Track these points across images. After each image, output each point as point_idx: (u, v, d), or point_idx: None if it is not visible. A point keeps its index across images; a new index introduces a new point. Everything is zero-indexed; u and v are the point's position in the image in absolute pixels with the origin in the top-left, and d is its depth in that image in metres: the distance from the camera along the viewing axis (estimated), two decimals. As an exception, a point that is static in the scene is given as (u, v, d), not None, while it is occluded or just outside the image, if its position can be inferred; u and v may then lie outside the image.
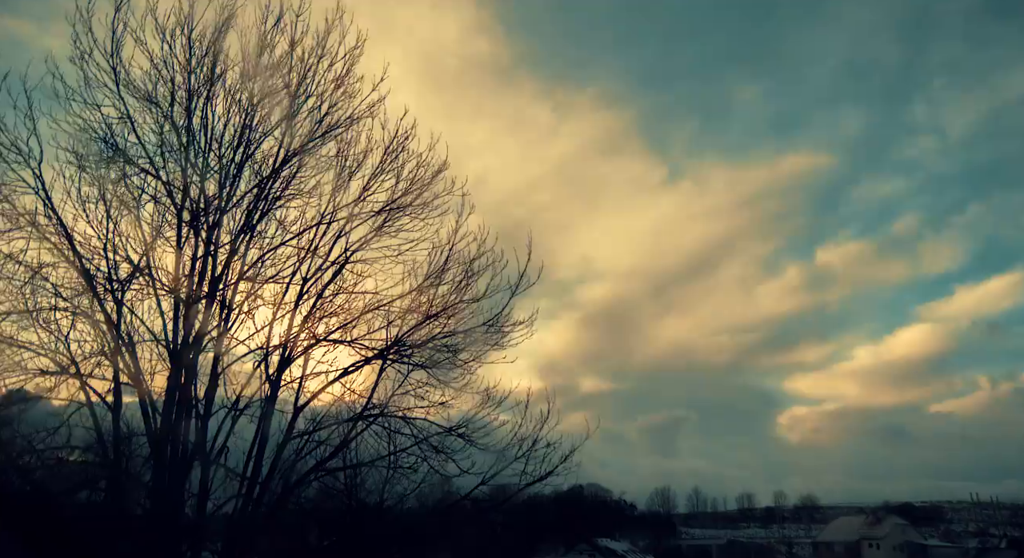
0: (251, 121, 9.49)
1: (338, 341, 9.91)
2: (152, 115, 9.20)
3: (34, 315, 8.58)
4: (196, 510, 8.73)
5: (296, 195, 9.90)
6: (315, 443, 9.63)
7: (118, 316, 8.85)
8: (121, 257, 9.02)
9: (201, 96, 9.30)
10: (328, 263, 9.87)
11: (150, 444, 8.63)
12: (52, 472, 8.70)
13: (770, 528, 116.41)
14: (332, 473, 10.25)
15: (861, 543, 78.58)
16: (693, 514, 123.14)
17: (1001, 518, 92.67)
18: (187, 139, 9.23)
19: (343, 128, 9.95)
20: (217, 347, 9.25)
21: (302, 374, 9.81)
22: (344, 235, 9.91)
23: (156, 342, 9.06)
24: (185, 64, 9.20)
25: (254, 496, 9.03)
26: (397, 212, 10.01)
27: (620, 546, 70.22)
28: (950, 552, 75.75)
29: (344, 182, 9.91)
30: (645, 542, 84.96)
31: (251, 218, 9.52)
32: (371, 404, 9.76)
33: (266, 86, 9.56)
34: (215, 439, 8.95)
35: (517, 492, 9.89)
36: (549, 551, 63.36)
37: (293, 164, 9.73)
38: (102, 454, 8.57)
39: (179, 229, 9.25)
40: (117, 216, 9.03)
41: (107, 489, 8.93)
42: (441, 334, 9.92)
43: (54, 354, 8.63)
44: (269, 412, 9.32)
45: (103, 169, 9.04)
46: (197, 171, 9.30)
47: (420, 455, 9.69)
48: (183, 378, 8.80)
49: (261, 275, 9.71)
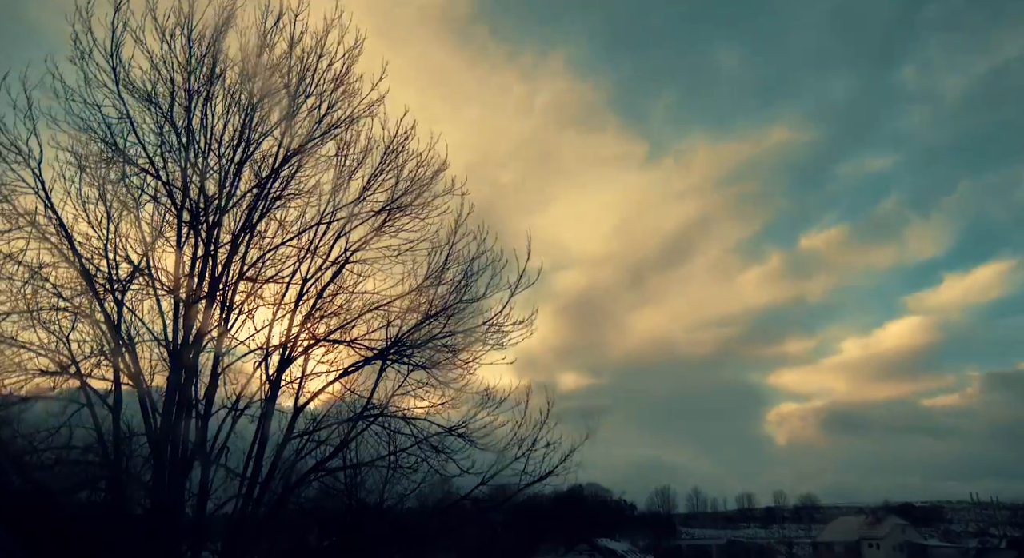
0: (251, 121, 9.50)
1: (338, 341, 9.92)
2: (152, 115, 9.21)
3: (34, 315, 8.58)
4: (196, 510, 8.72)
5: (296, 195, 9.91)
6: (315, 443, 9.63)
7: (118, 316, 8.86)
8: (121, 257, 9.04)
9: (201, 96, 9.31)
10: (328, 263, 9.88)
11: (150, 444, 8.63)
12: (52, 472, 8.70)
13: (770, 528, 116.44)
14: (332, 473, 10.25)
15: (861, 543, 78.57)
16: (693, 514, 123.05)
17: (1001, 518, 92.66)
18: (187, 139, 9.23)
19: (343, 128, 9.97)
20: (217, 347, 9.26)
21: (302, 374, 9.82)
22: (344, 235, 9.93)
23: (156, 342, 9.07)
24: (185, 64, 9.20)
25: (254, 496, 9.03)
26: (397, 212, 10.02)
27: (620, 546, 70.20)
28: (950, 552, 75.76)
29: (344, 182, 9.93)
30: (645, 542, 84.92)
31: (251, 218, 9.52)
32: (371, 404, 9.77)
33: (266, 86, 9.57)
34: (215, 439, 8.96)
35: (517, 492, 9.90)
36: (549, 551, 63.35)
37: (293, 164, 9.74)
38: (102, 454, 8.57)
39: (179, 229, 9.25)
40: (117, 216, 9.04)
41: (107, 489, 8.93)
42: (441, 334, 9.93)
43: (54, 354, 8.64)
44: (269, 412, 9.32)
45: (103, 169, 9.05)
46: (197, 171, 9.30)
47: (420, 455, 9.70)
48: (183, 378, 8.80)
49: (261, 275, 9.72)
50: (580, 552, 65.34)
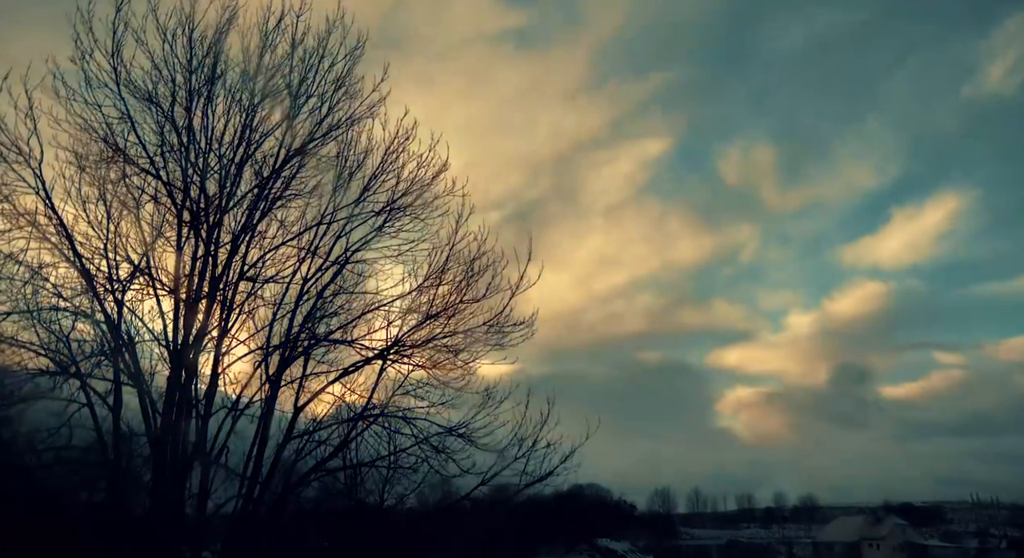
0: (252, 121, 9.49)
1: (338, 341, 9.92)
2: (153, 115, 9.20)
3: (34, 315, 8.58)
4: (196, 510, 8.73)
5: (297, 195, 9.92)
6: (315, 443, 9.63)
7: (118, 316, 8.86)
8: (121, 257, 9.04)
9: (202, 96, 9.30)
10: (328, 263, 9.88)
11: (150, 444, 8.63)
12: (52, 472, 8.71)
13: (770, 528, 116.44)
14: (332, 473, 10.24)
15: (861, 543, 78.62)
16: (693, 514, 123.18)
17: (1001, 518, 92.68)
18: (188, 139, 9.23)
19: (344, 128, 9.96)
20: (217, 347, 9.27)
21: (302, 374, 9.82)
22: (344, 235, 9.93)
23: (156, 342, 9.08)
24: (186, 64, 9.19)
25: (254, 496, 9.03)
26: (397, 212, 10.01)
27: (620, 546, 70.28)
28: (950, 552, 75.83)
29: (344, 182, 9.93)
30: (645, 542, 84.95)
31: (252, 218, 9.52)
32: (371, 404, 9.77)
33: (267, 86, 9.57)
34: (215, 439, 8.96)
35: (517, 492, 9.89)
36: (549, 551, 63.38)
37: (294, 164, 9.74)
38: (102, 454, 8.57)
39: (179, 229, 9.26)
40: (117, 216, 9.05)
41: (107, 489, 8.94)
42: (441, 334, 9.92)
43: (54, 354, 8.64)
44: (269, 412, 9.33)
45: (103, 169, 9.05)
46: (197, 171, 9.30)
47: (420, 455, 9.68)
48: (183, 378, 8.81)
49: (261, 275, 9.72)
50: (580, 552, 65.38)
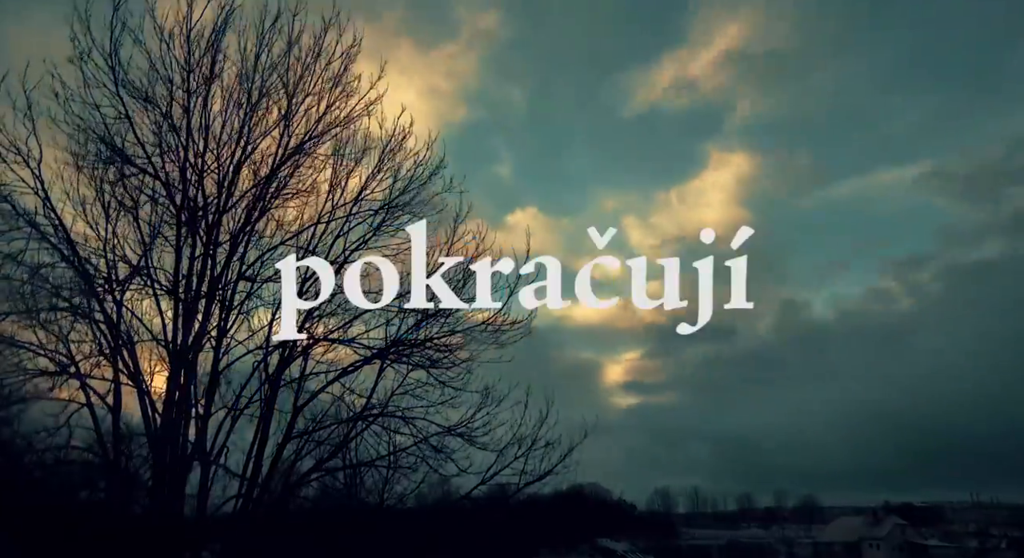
0: (249, 121, 9.50)
1: (337, 341, 9.92)
2: (150, 115, 9.21)
3: (34, 315, 8.58)
4: (196, 510, 8.73)
5: (295, 194, 9.93)
6: (315, 443, 9.64)
7: (118, 316, 8.86)
8: (120, 257, 9.05)
9: (199, 96, 9.31)
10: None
11: (150, 444, 8.63)
12: (52, 472, 8.70)
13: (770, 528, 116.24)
14: (332, 473, 10.24)
15: (861, 543, 78.52)
16: (693, 514, 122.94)
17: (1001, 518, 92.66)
18: (185, 139, 9.23)
19: (341, 127, 9.98)
20: (216, 347, 9.26)
21: (302, 374, 9.81)
22: (343, 234, 9.94)
23: (156, 342, 9.08)
24: (183, 64, 9.20)
25: (254, 496, 9.03)
26: (395, 211, 10.03)
27: (620, 546, 70.22)
28: (950, 552, 75.76)
29: (342, 181, 9.95)
30: (645, 542, 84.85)
31: (250, 218, 9.53)
32: (371, 404, 9.77)
33: (264, 86, 9.57)
34: (215, 439, 8.96)
35: (517, 492, 9.89)
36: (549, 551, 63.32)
37: (291, 163, 9.75)
38: (102, 454, 8.57)
39: (178, 229, 9.26)
40: (116, 216, 9.05)
41: (107, 489, 8.94)
42: (440, 334, 9.92)
43: (54, 354, 8.65)
44: (269, 412, 9.32)
45: (102, 169, 9.05)
46: (196, 171, 9.30)
47: (420, 455, 9.69)
48: (183, 378, 8.80)
49: (261, 275, 9.72)
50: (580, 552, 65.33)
